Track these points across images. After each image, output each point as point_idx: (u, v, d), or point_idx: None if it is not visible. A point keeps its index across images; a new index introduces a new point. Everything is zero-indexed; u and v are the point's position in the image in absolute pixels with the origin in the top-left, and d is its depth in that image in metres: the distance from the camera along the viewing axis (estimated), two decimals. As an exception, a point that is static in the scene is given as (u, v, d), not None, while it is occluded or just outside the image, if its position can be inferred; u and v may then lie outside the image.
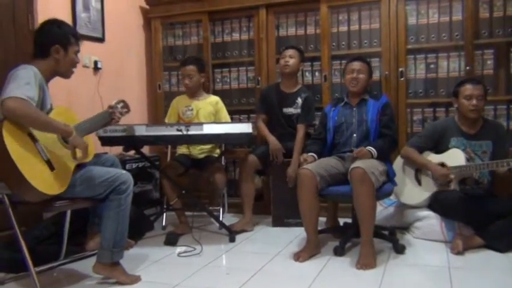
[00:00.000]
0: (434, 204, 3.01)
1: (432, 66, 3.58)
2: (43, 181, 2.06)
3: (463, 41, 3.45)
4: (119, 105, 2.57)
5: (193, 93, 3.59)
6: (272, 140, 3.48)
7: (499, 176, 2.94)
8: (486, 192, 2.98)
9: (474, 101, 2.92)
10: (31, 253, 2.19)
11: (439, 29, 3.55)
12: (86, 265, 2.62)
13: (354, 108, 3.00)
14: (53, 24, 2.36)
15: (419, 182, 3.11)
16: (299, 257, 2.70)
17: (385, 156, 2.86)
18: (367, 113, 2.94)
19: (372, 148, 2.80)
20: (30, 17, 3.14)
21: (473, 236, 2.82)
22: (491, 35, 3.44)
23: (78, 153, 2.20)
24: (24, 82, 2.09)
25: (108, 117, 2.52)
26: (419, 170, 3.12)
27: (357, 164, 2.64)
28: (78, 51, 2.42)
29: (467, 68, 3.41)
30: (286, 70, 3.50)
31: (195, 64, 3.51)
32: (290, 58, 3.48)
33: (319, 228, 2.88)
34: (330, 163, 2.86)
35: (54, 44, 2.30)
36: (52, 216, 2.93)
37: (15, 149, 2.00)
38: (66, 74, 2.42)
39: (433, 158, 3.04)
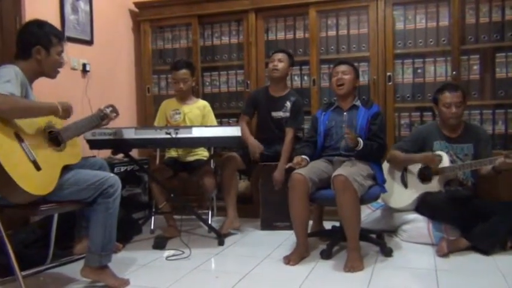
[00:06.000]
0: (421, 206, 3.05)
1: (419, 70, 3.63)
2: (29, 181, 2.03)
3: (450, 46, 3.50)
4: (108, 110, 2.57)
5: (183, 97, 3.59)
6: (252, 141, 3.48)
7: (483, 176, 2.99)
8: (470, 193, 3.02)
9: (453, 109, 2.98)
10: (17, 257, 2.17)
11: (426, 34, 3.59)
12: (73, 269, 2.60)
13: (345, 113, 3.01)
14: (34, 25, 2.33)
15: (405, 185, 3.14)
16: (290, 260, 2.71)
17: (370, 156, 2.85)
18: (357, 119, 2.94)
19: (360, 139, 2.79)
20: (17, 19, 3.11)
21: (460, 238, 2.86)
22: (477, 41, 3.50)
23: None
24: (5, 80, 2.07)
25: (99, 119, 2.51)
26: (405, 173, 3.15)
27: (339, 171, 2.64)
28: (61, 51, 2.39)
29: (454, 72, 3.46)
30: (275, 74, 3.50)
31: (188, 68, 3.51)
32: (279, 62, 3.49)
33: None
34: (320, 167, 2.87)
35: (36, 45, 2.27)
36: (39, 219, 2.90)
37: None
38: (51, 75, 2.40)
39: (418, 161, 3.08)
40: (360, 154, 2.83)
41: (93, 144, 2.95)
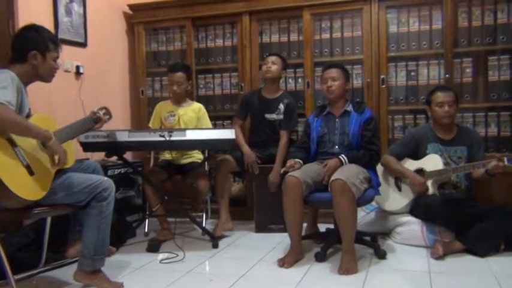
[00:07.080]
0: (416, 209, 3.06)
1: (413, 73, 3.65)
2: (22, 186, 2.02)
3: (443, 49, 3.52)
4: (101, 112, 2.56)
5: (178, 100, 3.59)
6: (246, 150, 3.49)
7: (477, 180, 3.01)
8: (465, 196, 3.04)
9: (446, 108, 3.01)
10: (10, 260, 2.16)
11: (419, 37, 3.61)
12: (66, 272, 2.59)
13: (337, 119, 3.01)
14: (32, 29, 2.33)
15: (399, 189, 3.15)
16: (284, 263, 2.71)
17: (362, 163, 2.87)
18: (349, 125, 2.94)
19: (344, 156, 2.84)
20: (11, 22, 3.09)
21: (454, 240, 2.87)
22: (469, 44, 3.52)
23: (57, 159, 2.17)
24: (2, 86, 2.06)
25: (92, 122, 2.50)
26: (399, 177, 3.16)
27: (337, 175, 2.64)
28: (57, 57, 2.39)
29: (447, 75, 3.48)
30: (268, 75, 3.52)
31: (184, 71, 3.51)
32: (272, 64, 3.51)
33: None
34: (315, 170, 2.87)
35: (32, 50, 2.26)
36: (32, 222, 2.89)
37: None
38: (46, 79, 2.39)
39: (412, 163, 3.10)
40: (351, 162, 2.85)
41: (87, 146, 2.93)
